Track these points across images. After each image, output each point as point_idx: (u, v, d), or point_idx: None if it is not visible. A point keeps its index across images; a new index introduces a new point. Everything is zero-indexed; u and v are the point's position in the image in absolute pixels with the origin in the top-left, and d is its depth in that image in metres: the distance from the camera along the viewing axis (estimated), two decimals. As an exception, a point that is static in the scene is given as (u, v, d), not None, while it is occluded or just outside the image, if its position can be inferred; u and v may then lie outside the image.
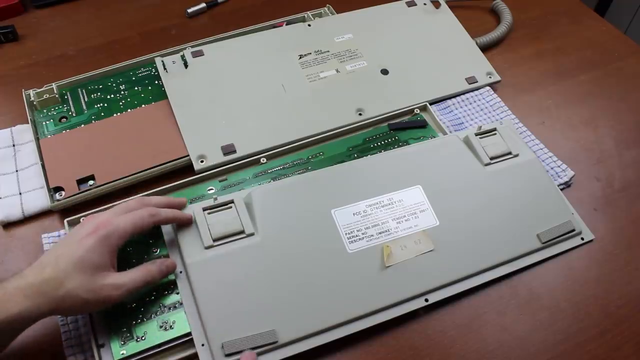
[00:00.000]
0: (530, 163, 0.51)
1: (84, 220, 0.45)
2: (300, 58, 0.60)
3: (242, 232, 0.44)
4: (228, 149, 0.53)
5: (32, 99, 0.56)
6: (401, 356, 0.43)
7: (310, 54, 0.61)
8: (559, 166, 0.54)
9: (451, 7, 0.68)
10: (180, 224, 0.44)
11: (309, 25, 0.63)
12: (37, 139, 0.53)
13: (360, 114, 0.56)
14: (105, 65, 0.59)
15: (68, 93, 0.57)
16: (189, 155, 0.52)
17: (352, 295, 0.43)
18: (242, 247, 0.43)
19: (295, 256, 0.43)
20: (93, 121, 0.55)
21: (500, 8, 0.69)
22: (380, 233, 0.45)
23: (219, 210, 0.45)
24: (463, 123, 0.58)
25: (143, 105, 0.56)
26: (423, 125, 0.56)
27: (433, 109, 0.57)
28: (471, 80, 0.61)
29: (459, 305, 0.45)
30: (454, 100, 0.60)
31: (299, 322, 0.41)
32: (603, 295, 0.46)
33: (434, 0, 0.68)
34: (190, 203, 0.48)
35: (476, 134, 0.52)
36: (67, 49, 0.65)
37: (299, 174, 0.51)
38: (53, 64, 0.63)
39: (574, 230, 0.49)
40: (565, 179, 0.53)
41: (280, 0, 0.71)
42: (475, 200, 0.48)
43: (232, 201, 0.45)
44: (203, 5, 0.70)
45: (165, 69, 0.57)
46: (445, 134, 0.55)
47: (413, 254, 0.45)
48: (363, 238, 0.45)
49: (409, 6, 0.67)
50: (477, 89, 0.61)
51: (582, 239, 0.49)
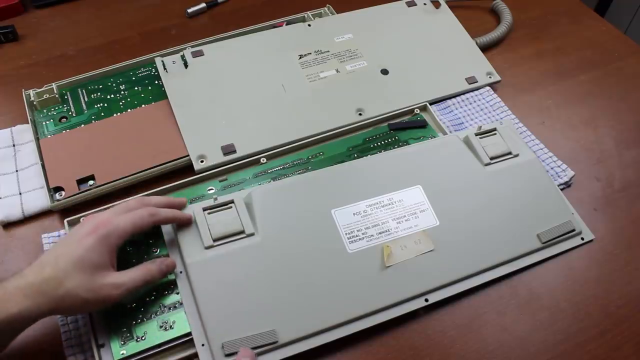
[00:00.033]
0: (530, 163, 0.51)
1: (83, 219, 0.45)
2: (300, 58, 0.60)
3: (242, 232, 0.44)
4: (228, 149, 0.53)
5: (32, 99, 0.56)
6: (401, 356, 0.43)
7: (310, 54, 0.61)
8: (559, 166, 0.54)
9: (451, 7, 0.68)
10: (180, 224, 0.44)
11: (309, 25, 0.63)
12: (37, 139, 0.53)
13: (360, 114, 0.56)
14: (105, 65, 0.59)
15: (68, 93, 0.57)
16: (189, 155, 0.52)
17: (352, 295, 0.43)
18: (242, 247, 0.43)
19: (295, 256, 0.43)
20: (93, 121, 0.55)
21: (500, 8, 0.69)
22: (380, 233, 0.45)
23: (219, 210, 0.45)
24: (463, 123, 0.58)
25: (143, 105, 0.56)
26: (423, 125, 0.56)
27: (433, 109, 0.57)
28: (471, 80, 0.61)
29: (459, 305, 0.45)
30: (454, 100, 0.60)
31: (299, 322, 0.41)
32: (603, 295, 0.46)
33: (434, 0, 0.68)
34: (190, 203, 0.48)
35: (476, 134, 0.52)
36: (67, 49, 0.65)
37: (299, 174, 0.51)
38: (53, 64, 0.63)
39: (574, 230, 0.49)
40: (565, 179, 0.53)
41: (280, 0, 0.71)
42: (475, 200, 0.48)
43: (232, 201, 0.45)
44: (203, 5, 0.70)
45: (165, 69, 0.57)
46: (445, 134, 0.55)
47: (413, 254, 0.45)
48: (363, 238, 0.45)
49: (409, 6, 0.67)
50: (477, 89, 0.61)
51: (582, 239, 0.49)
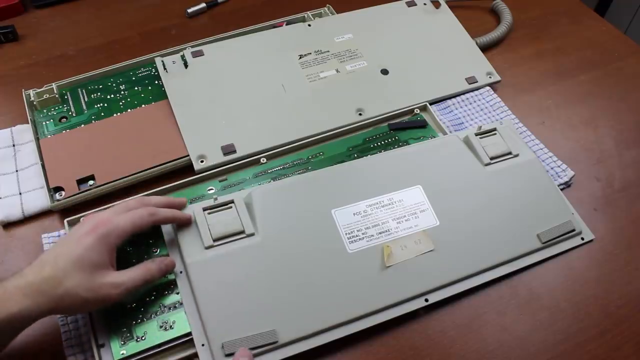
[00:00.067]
0: (530, 163, 0.51)
1: (83, 219, 0.45)
2: (300, 58, 0.60)
3: (242, 232, 0.44)
4: (228, 149, 0.53)
5: (32, 99, 0.56)
6: (401, 356, 0.43)
7: (310, 54, 0.61)
8: (559, 166, 0.54)
9: (451, 7, 0.68)
10: (180, 224, 0.44)
11: (309, 25, 0.63)
12: (37, 139, 0.53)
13: (360, 114, 0.56)
14: (105, 65, 0.59)
15: (68, 93, 0.57)
16: (189, 155, 0.52)
17: (353, 295, 0.43)
18: (243, 247, 0.43)
19: (295, 256, 0.43)
20: (93, 121, 0.55)
21: (500, 8, 0.69)
22: (380, 233, 0.45)
23: (219, 210, 0.45)
24: (463, 123, 0.58)
25: (143, 105, 0.56)
26: (423, 125, 0.56)
27: (433, 109, 0.57)
28: (471, 80, 0.61)
29: (459, 305, 0.45)
30: (454, 100, 0.60)
31: (299, 322, 0.41)
32: (603, 295, 0.46)
33: (434, 0, 0.68)
34: (190, 203, 0.48)
35: (476, 134, 0.52)
36: (67, 49, 0.65)
37: (299, 174, 0.51)
38: (53, 64, 0.63)
39: (574, 230, 0.49)
40: (565, 179, 0.53)
41: (280, 0, 0.71)
42: (475, 200, 0.48)
43: (232, 201, 0.45)
44: (203, 5, 0.70)
45: (165, 69, 0.57)
46: (445, 134, 0.55)
47: (413, 254, 0.45)
48: (363, 238, 0.45)
49: (409, 6, 0.67)
50: (477, 89, 0.61)
51: (582, 238, 0.49)
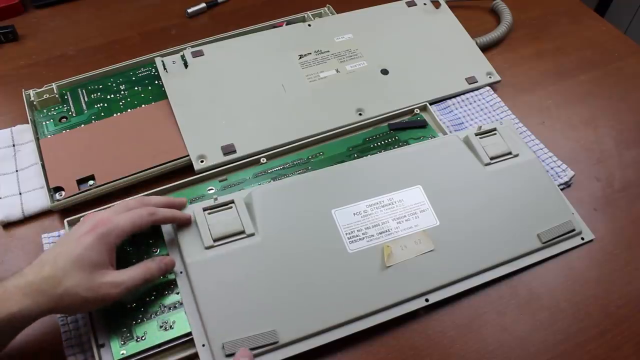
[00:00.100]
0: (531, 163, 0.51)
1: (83, 218, 0.45)
2: (300, 58, 0.60)
3: (243, 233, 0.44)
4: (228, 149, 0.53)
5: (32, 99, 0.56)
6: (401, 356, 0.43)
7: (310, 54, 0.61)
8: (559, 166, 0.54)
9: (451, 7, 0.68)
10: (179, 223, 0.44)
11: (309, 25, 0.63)
12: (37, 139, 0.53)
13: (360, 114, 0.56)
14: (105, 65, 0.59)
15: (68, 93, 0.57)
16: (189, 155, 0.52)
17: (353, 295, 0.43)
18: (243, 248, 0.43)
19: (295, 256, 0.43)
20: (93, 121, 0.55)
21: (500, 8, 0.69)
22: (380, 233, 0.45)
23: (219, 211, 0.45)
24: (463, 123, 0.58)
25: (143, 105, 0.56)
26: (423, 125, 0.56)
27: (433, 109, 0.57)
28: (471, 80, 0.61)
29: (459, 305, 0.45)
30: (454, 100, 0.60)
31: (300, 323, 0.41)
32: (603, 295, 0.47)
33: (434, 0, 0.68)
34: (191, 203, 0.48)
35: (476, 134, 0.52)
36: (67, 49, 0.65)
37: (299, 174, 0.51)
38: (53, 64, 0.63)
39: (574, 230, 0.49)
40: (565, 179, 0.53)
41: (280, 0, 0.71)
42: (475, 200, 0.48)
43: (233, 201, 0.45)
44: (203, 5, 0.70)
45: (165, 69, 0.57)
46: (445, 134, 0.55)
47: (413, 254, 0.45)
48: (363, 238, 0.45)
49: (409, 6, 0.67)
50: (477, 89, 0.61)
51: (582, 238, 0.49)
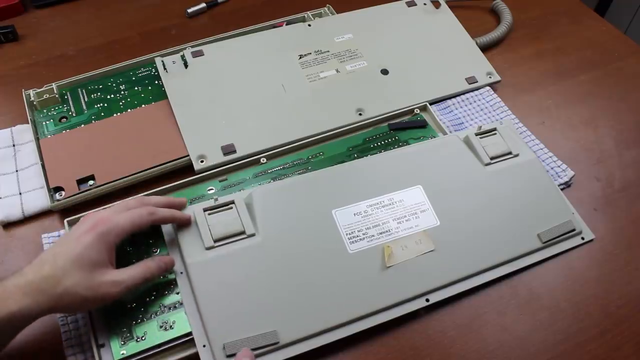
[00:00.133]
0: (531, 163, 0.51)
1: (82, 218, 0.45)
2: (300, 58, 0.60)
3: (243, 233, 0.44)
4: (228, 149, 0.53)
5: (32, 99, 0.56)
6: (402, 356, 0.43)
7: (310, 54, 0.60)
8: (559, 166, 0.54)
9: (451, 7, 0.68)
10: (179, 224, 0.44)
11: (309, 25, 0.63)
12: (37, 139, 0.53)
13: (360, 114, 0.56)
14: (105, 65, 0.59)
15: (68, 93, 0.57)
16: (189, 155, 0.52)
17: (353, 295, 0.43)
18: (243, 248, 0.43)
19: (296, 257, 0.43)
20: (93, 121, 0.55)
21: (500, 8, 0.69)
22: (381, 233, 0.45)
23: (220, 211, 0.45)
24: (463, 123, 0.58)
25: (143, 105, 0.56)
26: (423, 125, 0.56)
27: (433, 109, 0.57)
28: (471, 80, 0.61)
29: (459, 305, 0.45)
30: (454, 100, 0.60)
31: (300, 323, 0.41)
32: (603, 295, 0.47)
33: (434, 0, 0.68)
34: (191, 203, 0.48)
35: (476, 134, 0.52)
36: (67, 49, 0.65)
37: (299, 174, 0.51)
38: (53, 64, 0.63)
39: (574, 229, 0.49)
40: (565, 179, 0.53)
41: (280, 0, 0.71)
42: (475, 200, 0.48)
43: (233, 202, 0.45)
44: (203, 5, 0.70)
45: (165, 69, 0.57)
46: (445, 134, 0.55)
47: (414, 254, 0.45)
48: (364, 238, 0.45)
49: (409, 6, 0.67)
50: (477, 89, 0.61)
51: (583, 238, 0.49)
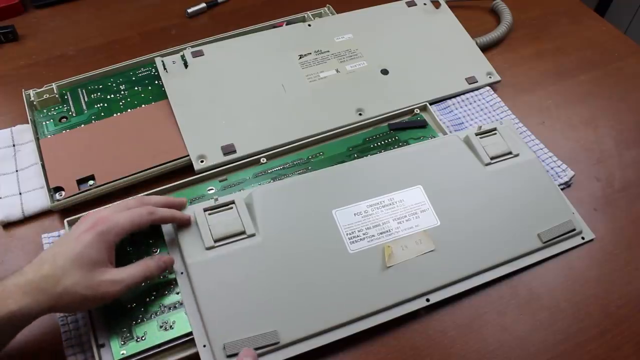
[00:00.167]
0: (531, 163, 0.51)
1: (82, 217, 0.45)
2: (300, 58, 0.60)
3: (243, 233, 0.44)
4: (228, 149, 0.53)
5: (32, 99, 0.56)
6: (402, 356, 0.43)
7: (310, 54, 0.60)
8: (559, 166, 0.54)
9: (451, 7, 0.68)
10: (179, 223, 0.44)
11: (309, 25, 0.63)
12: (37, 139, 0.53)
13: (360, 114, 0.56)
14: (105, 65, 0.59)
15: (68, 93, 0.57)
16: (189, 155, 0.52)
17: (354, 295, 0.43)
18: (244, 248, 0.43)
19: (296, 257, 0.43)
20: (93, 121, 0.55)
21: (500, 8, 0.69)
22: (381, 233, 0.45)
23: (220, 211, 0.45)
24: (463, 123, 0.58)
25: (143, 105, 0.56)
26: (423, 125, 0.56)
27: (433, 109, 0.57)
28: (471, 80, 0.61)
29: (459, 305, 0.45)
30: (454, 100, 0.60)
31: (301, 323, 0.41)
32: (603, 295, 0.47)
33: (434, 0, 0.68)
34: (191, 203, 0.48)
35: (476, 134, 0.52)
36: (67, 49, 0.65)
37: (299, 174, 0.51)
38: (53, 64, 0.63)
39: (574, 229, 0.49)
40: (565, 179, 0.53)
41: (280, 0, 0.71)
42: (475, 200, 0.48)
43: (233, 202, 0.45)
44: (203, 5, 0.70)
45: (165, 69, 0.57)
46: (445, 134, 0.55)
47: (414, 254, 0.45)
48: (364, 238, 0.45)
49: (409, 6, 0.67)
50: (477, 89, 0.61)
51: (583, 238, 0.49)
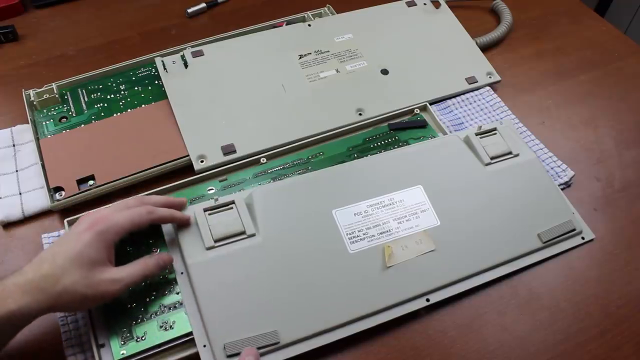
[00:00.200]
0: (531, 163, 0.51)
1: (81, 217, 0.45)
2: (300, 58, 0.60)
3: (244, 233, 0.44)
4: (228, 149, 0.53)
5: (32, 99, 0.56)
6: (402, 356, 0.43)
7: (310, 54, 0.60)
8: (559, 166, 0.54)
9: (451, 7, 0.68)
10: (178, 223, 0.44)
11: (309, 25, 0.63)
12: (37, 139, 0.53)
13: (360, 114, 0.56)
14: (105, 65, 0.59)
15: (68, 93, 0.57)
16: (189, 155, 0.52)
17: (354, 295, 0.43)
18: (244, 248, 0.43)
19: (296, 257, 0.43)
20: (93, 121, 0.55)
21: (500, 8, 0.69)
22: (381, 233, 0.45)
23: (220, 211, 0.45)
24: (463, 123, 0.58)
25: (143, 105, 0.56)
26: (423, 125, 0.56)
27: (433, 109, 0.57)
28: (471, 80, 0.61)
29: (459, 305, 0.45)
30: (454, 100, 0.60)
31: (301, 323, 0.41)
32: (603, 295, 0.47)
33: (434, 0, 0.68)
34: (191, 203, 0.48)
35: (476, 134, 0.52)
36: (67, 49, 0.65)
37: (299, 174, 0.51)
38: (53, 64, 0.63)
39: (574, 229, 0.49)
40: (565, 179, 0.53)
41: (280, 0, 0.71)
42: (476, 200, 0.48)
43: (233, 202, 0.45)
44: (203, 5, 0.70)
45: (165, 69, 0.57)
46: (445, 134, 0.55)
47: (414, 254, 0.45)
48: (364, 238, 0.45)
49: (409, 6, 0.67)
50: (477, 89, 0.61)
51: (583, 238, 0.49)
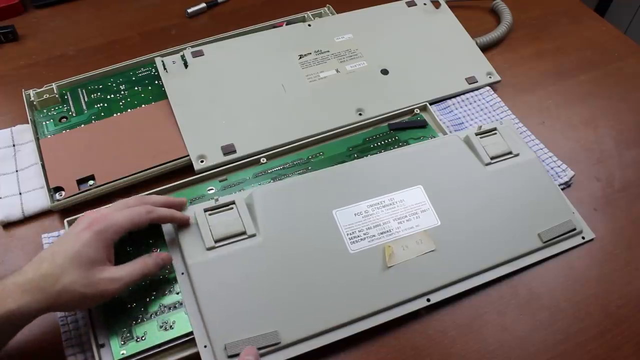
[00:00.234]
0: (531, 162, 0.51)
1: (81, 216, 0.45)
2: (300, 58, 0.60)
3: (244, 233, 0.44)
4: (228, 149, 0.52)
5: (32, 99, 0.56)
6: (402, 356, 0.43)
7: (310, 54, 0.60)
8: (559, 166, 0.54)
9: (451, 7, 0.68)
10: (178, 223, 0.44)
11: (309, 25, 0.63)
12: (37, 139, 0.53)
13: (360, 114, 0.56)
14: (105, 65, 0.59)
15: (68, 93, 0.57)
16: (189, 155, 0.52)
17: (354, 295, 0.43)
18: (244, 248, 0.43)
19: (297, 257, 0.43)
20: (93, 121, 0.54)
21: (500, 8, 0.69)
22: (381, 233, 0.45)
23: (221, 211, 0.45)
24: (463, 123, 0.58)
25: (143, 105, 0.56)
26: (423, 125, 0.56)
27: (433, 109, 0.57)
28: (471, 80, 0.61)
29: (459, 305, 0.45)
30: (454, 100, 0.60)
31: (302, 323, 0.41)
32: (603, 295, 0.47)
33: (434, 0, 0.68)
34: (191, 203, 0.48)
35: (476, 134, 0.52)
36: (67, 49, 0.65)
37: (299, 174, 0.51)
38: (53, 64, 0.63)
39: (574, 229, 0.49)
40: (565, 179, 0.53)
41: (280, 0, 0.71)
42: (476, 200, 0.48)
43: (234, 202, 0.45)
44: (203, 5, 0.70)
45: (165, 69, 0.57)
46: (445, 134, 0.55)
47: (414, 254, 0.45)
48: (365, 238, 0.45)
49: (409, 6, 0.67)
50: (477, 89, 0.61)
51: (583, 238, 0.49)
